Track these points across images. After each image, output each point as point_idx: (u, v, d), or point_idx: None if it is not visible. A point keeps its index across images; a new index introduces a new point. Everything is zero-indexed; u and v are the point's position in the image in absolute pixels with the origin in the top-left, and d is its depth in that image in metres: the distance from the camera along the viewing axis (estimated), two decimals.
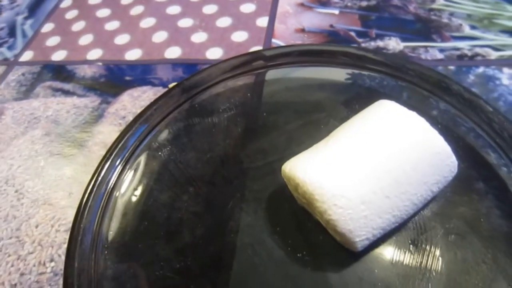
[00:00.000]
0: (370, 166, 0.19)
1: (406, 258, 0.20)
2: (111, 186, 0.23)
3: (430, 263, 0.20)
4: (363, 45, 0.33)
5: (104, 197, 0.23)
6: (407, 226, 0.21)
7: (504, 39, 0.31)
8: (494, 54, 0.30)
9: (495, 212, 0.21)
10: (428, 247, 0.20)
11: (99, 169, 0.23)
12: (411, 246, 0.20)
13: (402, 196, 0.19)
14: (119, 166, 0.24)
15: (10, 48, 0.39)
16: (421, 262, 0.20)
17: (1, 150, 0.30)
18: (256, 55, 0.29)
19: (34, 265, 0.24)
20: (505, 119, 0.23)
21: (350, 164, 0.19)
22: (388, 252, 0.20)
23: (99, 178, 0.23)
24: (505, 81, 0.29)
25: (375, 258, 0.20)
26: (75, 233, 0.21)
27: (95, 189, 0.22)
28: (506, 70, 0.29)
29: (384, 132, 0.20)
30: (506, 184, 0.22)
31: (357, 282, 0.20)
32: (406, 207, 0.19)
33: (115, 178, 0.23)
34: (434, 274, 0.19)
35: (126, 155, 0.24)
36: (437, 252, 0.20)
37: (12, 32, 0.40)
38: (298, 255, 0.21)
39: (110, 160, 0.24)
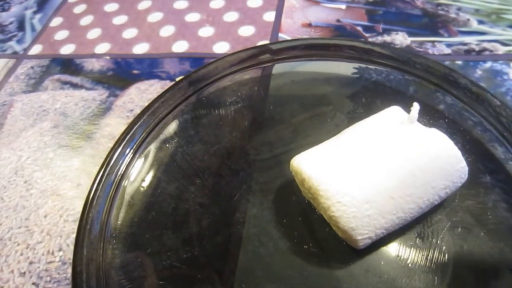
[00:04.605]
0: (377, 167, 0.19)
1: (412, 251, 0.20)
2: (120, 176, 0.23)
3: (436, 256, 0.20)
4: (370, 39, 0.33)
5: (112, 187, 0.23)
6: (414, 220, 0.21)
7: None
8: (502, 49, 0.30)
9: (501, 205, 0.21)
10: (434, 240, 0.20)
11: (108, 159, 0.23)
12: (417, 239, 0.20)
13: (407, 198, 0.19)
14: (128, 157, 0.24)
15: (19, 41, 0.39)
16: (427, 255, 0.20)
17: (11, 141, 0.31)
18: (263, 49, 0.29)
19: (42, 254, 0.24)
20: None
21: (357, 164, 0.19)
22: (394, 245, 0.20)
23: (108, 168, 0.23)
24: None
25: (381, 251, 0.20)
26: (84, 222, 0.21)
27: (103, 179, 0.23)
28: None
29: (394, 136, 0.20)
30: None
31: (363, 274, 0.20)
32: (411, 209, 0.19)
33: (124, 169, 0.24)
34: (440, 267, 0.19)
35: (134, 146, 0.24)
36: (444, 245, 0.20)
37: (21, 26, 0.41)
38: (304, 246, 0.21)
39: (118, 151, 0.24)
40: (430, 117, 0.25)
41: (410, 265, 0.20)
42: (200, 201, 0.23)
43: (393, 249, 0.20)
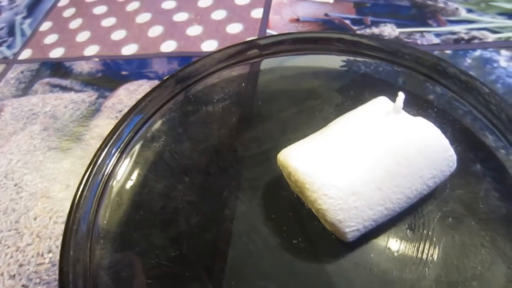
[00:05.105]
0: (363, 158, 0.19)
1: (403, 242, 0.20)
2: (107, 176, 0.23)
3: (427, 248, 0.20)
4: (358, 32, 0.33)
5: (99, 187, 0.23)
6: (404, 211, 0.21)
7: (502, 21, 0.31)
8: (491, 37, 0.30)
9: (493, 194, 0.21)
10: (425, 231, 0.20)
11: (95, 159, 0.23)
12: (407, 230, 0.20)
13: (395, 189, 0.19)
14: (115, 156, 0.24)
15: (9, 47, 0.39)
16: (418, 247, 0.20)
17: (1, 145, 0.31)
18: (251, 44, 0.29)
19: (32, 256, 0.24)
20: (503, 100, 0.23)
21: (343, 155, 0.19)
22: (384, 237, 0.20)
23: (95, 168, 0.23)
24: (503, 63, 0.28)
25: (371, 243, 0.20)
26: (71, 223, 0.21)
27: (90, 179, 0.23)
28: (504, 52, 0.29)
29: (380, 126, 0.20)
30: (505, 166, 0.22)
31: (353, 267, 0.19)
32: (399, 200, 0.19)
33: (111, 168, 0.23)
34: (431, 258, 0.19)
35: (121, 145, 0.24)
36: (434, 236, 0.20)
37: (11, 32, 0.41)
38: (293, 241, 0.20)
39: (105, 150, 0.24)
40: (419, 107, 0.24)
41: (400, 257, 0.19)
42: (188, 199, 0.23)
43: (383, 241, 0.20)
